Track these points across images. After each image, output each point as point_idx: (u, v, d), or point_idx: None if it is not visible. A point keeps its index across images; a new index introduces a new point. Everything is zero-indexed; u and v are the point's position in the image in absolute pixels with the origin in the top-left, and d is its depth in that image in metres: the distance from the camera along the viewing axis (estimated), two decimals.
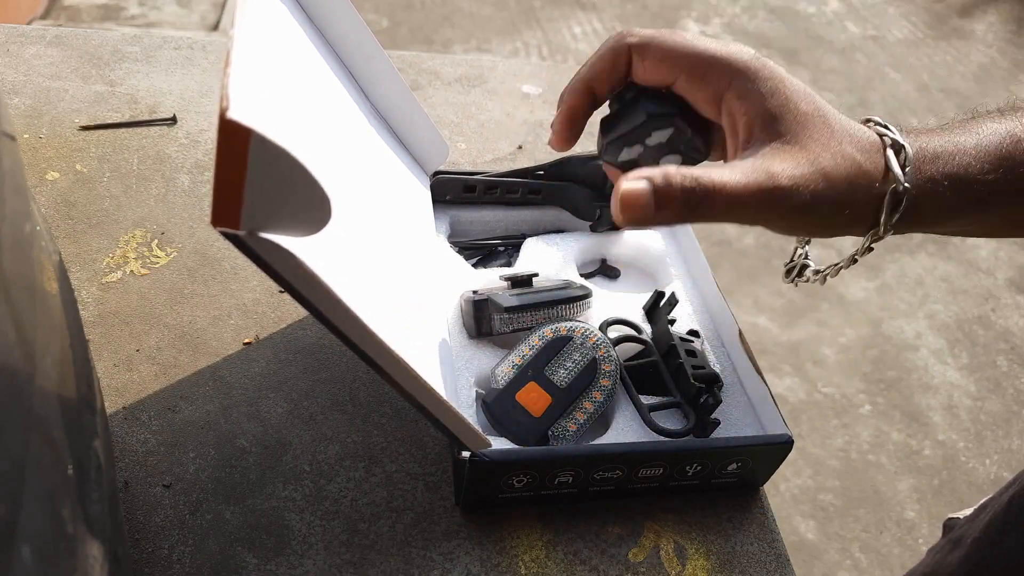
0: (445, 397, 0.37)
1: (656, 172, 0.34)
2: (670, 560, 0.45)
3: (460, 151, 0.72)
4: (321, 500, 0.45)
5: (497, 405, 0.45)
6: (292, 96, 0.37)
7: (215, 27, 2.35)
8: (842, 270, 0.44)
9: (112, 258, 0.56)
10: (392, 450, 0.48)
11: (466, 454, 0.40)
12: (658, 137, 0.38)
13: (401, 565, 0.43)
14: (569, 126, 0.41)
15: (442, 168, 0.58)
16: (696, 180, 0.34)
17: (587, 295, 0.52)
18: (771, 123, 0.36)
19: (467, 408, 0.46)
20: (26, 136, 0.64)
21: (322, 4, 0.48)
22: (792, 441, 0.45)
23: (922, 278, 2.02)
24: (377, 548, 0.43)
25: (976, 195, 0.38)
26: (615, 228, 0.60)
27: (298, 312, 0.55)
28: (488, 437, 0.41)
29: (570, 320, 0.49)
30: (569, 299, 0.50)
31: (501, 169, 0.60)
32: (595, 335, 0.48)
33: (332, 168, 0.39)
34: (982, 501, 0.62)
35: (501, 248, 0.59)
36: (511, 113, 0.78)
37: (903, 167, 0.37)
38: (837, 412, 1.68)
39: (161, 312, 0.53)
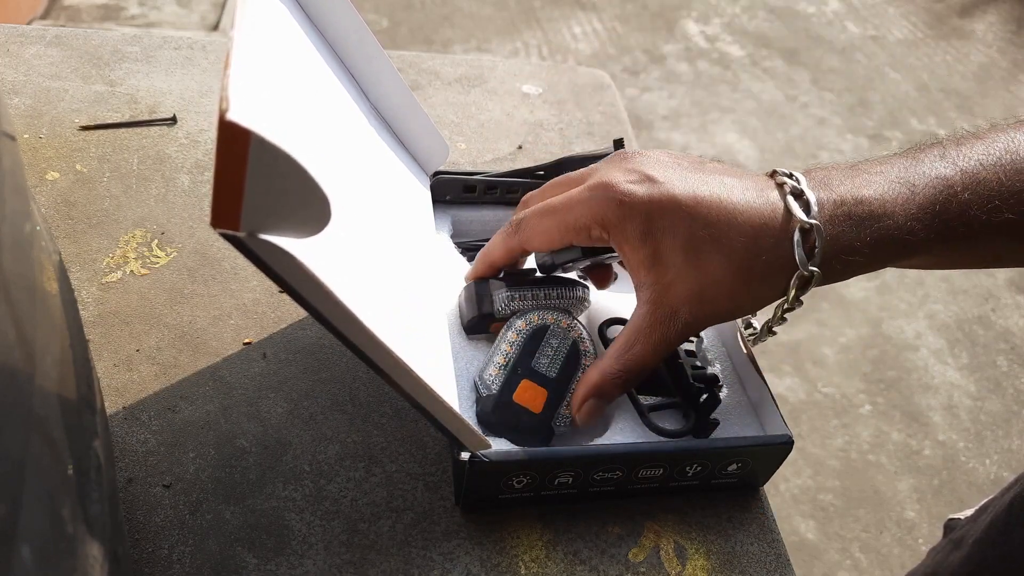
0: (445, 398, 0.37)
1: (591, 388, 0.43)
2: (670, 560, 0.45)
3: (460, 151, 0.72)
4: (321, 500, 0.45)
5: (497, 412, 0.45)
6: (292, 97, 0.37)
7: (215, 27, 2.35)
8: (773, 329, 0.46)
9: (112, 258, 0.56)
10: (392, 450, 0.48)
11: (465, 455, 0.40)
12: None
13: (401, 565, 0.43)
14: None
15: (442, 168, 0.58)
16: (620, 371, 0.42)
17: (586, 289, 0.51)
18: (653, 266, 0.39)
19: (467, 409, 0.46)
20: (26, 136, 0.64)
21: (322, 4, 0.48)
22: (792, 441, 0.45)
23: (922, 278, 2.02)
24: (377, 548, 0.43)
25: (900, 250, 0.38)
26: None
27: (298, 312, 0.55)
28: (488, 438, 0.41)
29: (558, 310, 0.49)
30: (569, 284, 0.50)
31: (501, 169, 0.60)
32: (566, 318, 0.48)
33: (332, 169, 0.39)
34: (983, 502, 0.62)
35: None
36: (511, 113, 0.78)
37: (811, 252, 0.37)
38: (837, 412, 1.68)
39: (161, 312, 0.53)
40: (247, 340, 0.52)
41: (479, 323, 0.49)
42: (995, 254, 0.41)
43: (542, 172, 0.59)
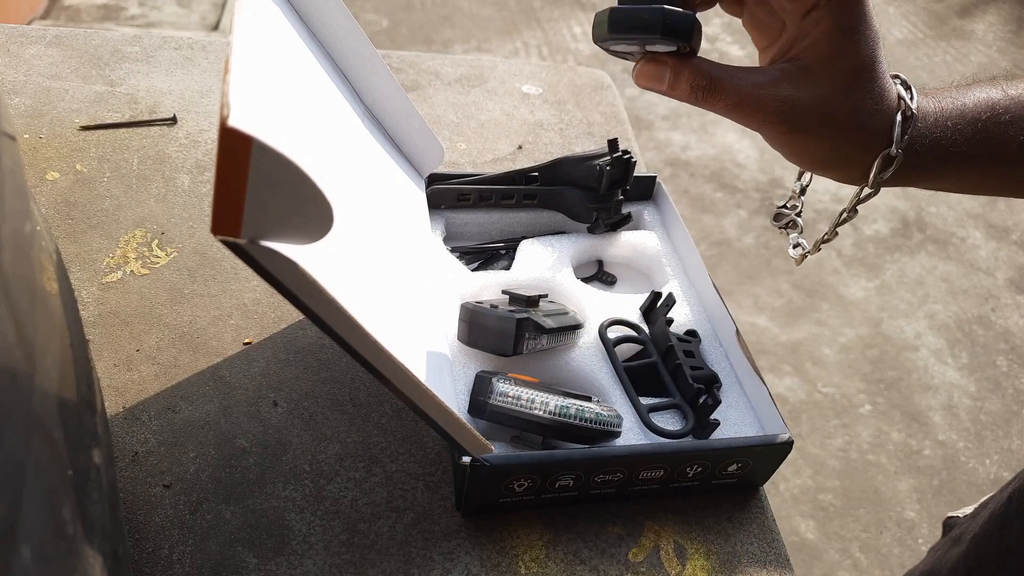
0: (445, 402, 0.37)
1: (677, 63, 0.39)
2: (670, 560, 0.45)
3: (460, 151, 0.72)
4: (321, 500, 0.45)
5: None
6: (291, 102, 0.37)
7: (215, 27, 2.35)
8: (827, 239, 0.46)
9: (112, 258, 0.56)
10: (392, 450, 0.48)
11: (467, 459, 0.40)
12: (661, 47, 0.39)
13: (401, 565, 0.43)
14: None
15: (441, 166, 0.58)
16: (710, 81, 0.38)
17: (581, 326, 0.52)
18: (818, 58, 0.38)
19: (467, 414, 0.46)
20: (26, 136, 0.64)
21: (316, 7, 0.48)
22: (792, 441, 0.45)
23: (922, 278, 2.02)
24: (377, 548, 0.43)
25: (954, 156, 0.41)
26: (612, 230, 0.60)
27: (298, 312, 0.55)
28: (489, 442, 0.41)
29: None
30: (575, 326, 0.51)
31: (501, 169, 0.60)
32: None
33: (331, 173, 0.39)
34: (983, 499, 0.62)
35: (503, 251, 0.59)
36: (511, 113, 0.78)
37: (904, 134, 0.40)
38: (837, 412, 1.68)
39: (161, 312, 0.53)
40: (247, 340, 0.52)
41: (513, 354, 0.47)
42: None
43: (536, 173, 0.59)
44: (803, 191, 0.48)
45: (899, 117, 0.39)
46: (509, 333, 0.45)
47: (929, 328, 1.89)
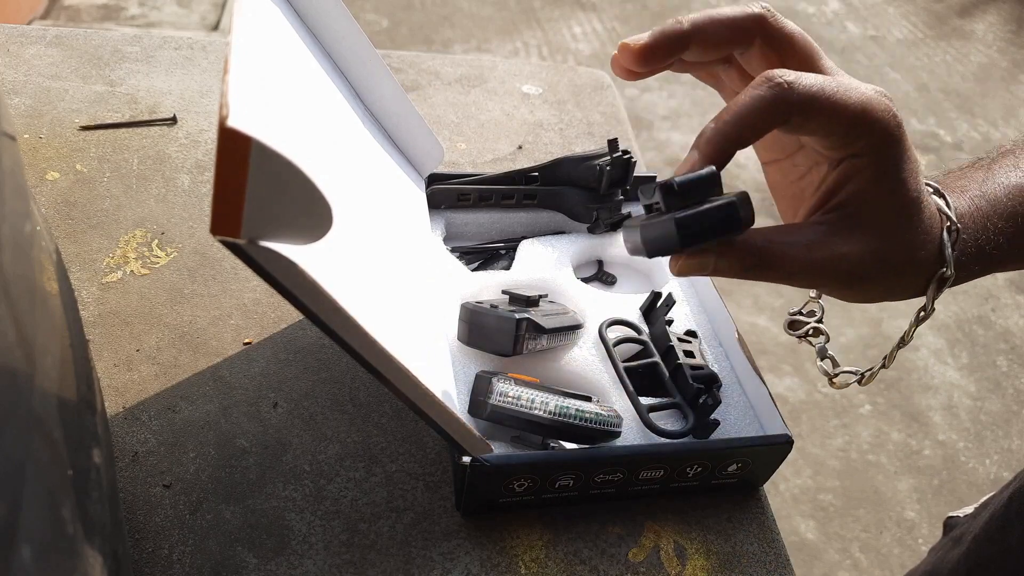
0: (445, 402, 0.37)
1: (721, 246, 0.35)
2: (670, 560, 0.45)
3: (460, 151, 0.72)
4: (321, 500, 0.45)
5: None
6: (290, 102, 0.37)
7: (215, 27, 2.35)
8: (907, 341, 0.43)
9: (112, 258, 0.56)
10: (392, 450, 0.48)
11: (467, 459, 0.40)
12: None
13: (401, 565, 0.43)
14: (719, 156, 0.35)
15: (441, 166, 0.58)
16: (760, 254, 0.35)
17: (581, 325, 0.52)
18: (866, 207, 0.36)
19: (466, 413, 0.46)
20: (26, 136, 0.64)
21: (316, 7, 0.48)
22: (792, 441, 0.45)
23: None
24: (377, 548, 0.43)
25: (998, 256, 0.39)
26: (612, 230, 0.60)
27: (298, 312, 0.55)
28: (489, 442, 0.41)
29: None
30: (575, 326, 0.51)
31: (501, 169, 0.60)
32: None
33: (330, 173, 0.39)
34: (983, 499, 0.62)
35: (503, 251, 0.59)
36: (511, 113, 0.78)
37: (953, 250, 0.38)
38: (837, 412, 1.68)
39: (161, 312, 0.53)
40: (247, 340, 0.52)
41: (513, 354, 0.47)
42: None
43: (536, 174, 0.59)
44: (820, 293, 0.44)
45: (945, 236, 0.37)
46: (509, 333, 0.45)
47: (929, 328, 1.89)
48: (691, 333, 0.54)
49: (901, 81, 2.70)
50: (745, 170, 2.25)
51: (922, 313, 0.40)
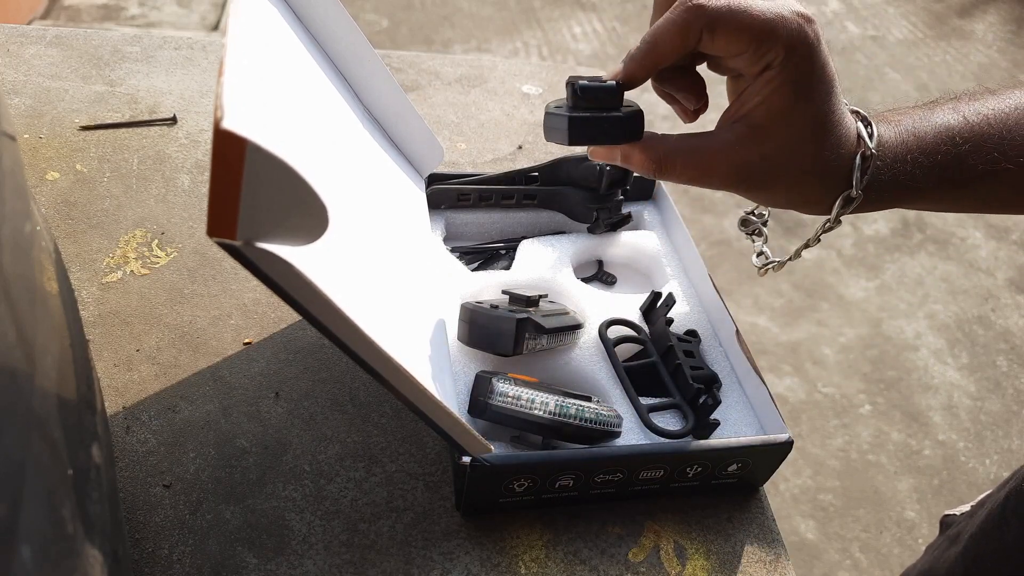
0: (445, 403, 0.37)
1: (626, 148, 0.40)
2: (670, 560, 0.45)
3: (460, 151, 0.72)
4: (321, 500, 0.45)
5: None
6: (287, 102, 0.37)
7: (215, 27, 2.35)
8: (810, 245, 0.46)
9: (112, 258, 0.56)
10: (392, 450, 0.48)
11: (466, 459, 0.40)
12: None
13: (401, 565, 0.43)
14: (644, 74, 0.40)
15: (441, 166, 0.58)
16: (659, 161, 0.40)
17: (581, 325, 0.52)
18: (771, 117, 0.39)
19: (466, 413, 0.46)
20: (26, 136, 0.64)
21: (314, 7, 0.48)
22: (792, 442, 0.45)
23: (922, 278, 2.02)
24: (377, 548, 0.43)
25: (912, 189, 0.41)
26: (612, 230, 0.60)
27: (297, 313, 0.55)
28: (489, 442, 0.41)
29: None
30: (575, 326, 0.51)
31: (501, 169, 0.60)
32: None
33: (328, 174, 0.39)
34: (979, 498, 0.62)
35: (503, 251, 0.59)
36: (511, 113, 0.78)
37: (863, 174, 0.40)
38: (837, 412, 1.68)
39: (161, 312, 0.53)
40: (247, 340, 0.52)
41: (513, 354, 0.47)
42: (996, 200, 0.44)
43: (536, 174, 0.59)
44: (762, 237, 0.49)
45: (858, 160, 0.40)
46: (509, 333, 0.45)
47: (929, 328, 1.89)
48: (691, 333, 0.54)
49: (901, 81, 2.70)
50: None
51: (828, 224, 0.42)
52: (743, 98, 0.40)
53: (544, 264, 0.56)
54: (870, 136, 0.40)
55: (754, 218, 0.50)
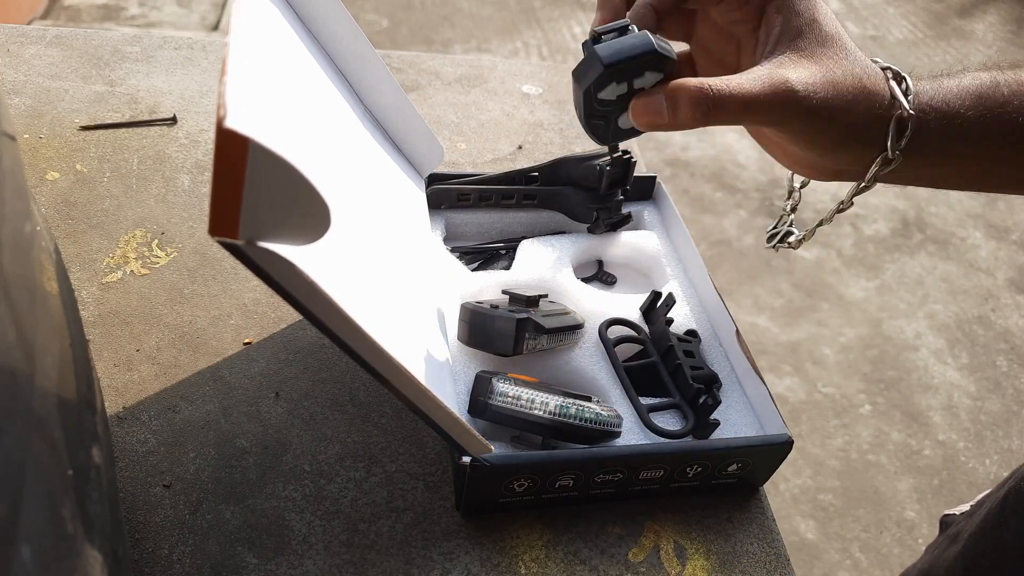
0: (444, 402, 0.37)
1: (670, 85, 0.38)
2: (670, 560, 0.45)
3: (460, 151, 0.72)
4: (321, 500, 0.45)
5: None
6: (289, 102, 0.37)
7: (215, 27, 2.35)
8: (843, 209, 0.46)
9: (112, 258, 0.56)
10: (392, 450, 0.48)
11: (466, 459, 0.40)
12: (649, 79, 0.39)
13: (401, 565, 0.43)
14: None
15: (441, 166, 0.58)
16: (709, 86, 0.37)
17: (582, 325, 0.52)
18: (796, 37, 0.40)
19: (466, 413, 0.46)
20: (26, 136, 0.64)
21: (315, 7, 0.48)
22: (792, 441, 0.45)
23: (922, 278, 2.02)
24: (377, 548, 0.43)
25: (959, 130, 0.41)
26: (612, 230, 0.60)
27: (298, 312, 0.55)
28: (489, 443, 0.41)
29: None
30: (575, 327, 0.51)
31: (501, 169, 0.60)
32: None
33: (329, 174, 0.39)
34: (979, 497, 0.62)
35: (503, 251, 0.59)
36: (511, 113, 0.78)
37: (905, 95, 0.40)
38: (837, 412, 1.68)
39: (161, 312, 0.53)
40: (247, 340, 0.52)
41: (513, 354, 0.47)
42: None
43: (536, 174, 0.59)
44: (794, 208, 0.48)
45: (893, 124, 0.39)
46: (509, 333, 0.45)
47: (929, 328, 1.89)
48: (691, 333, 0.54)
49: None
50: (745, 170, 2.25)
51: (883, 156, 0.41)
52: (751, 54, 0.41)
53: (544, 264, 0.56)
54: (905, 93, 0.40)
55: (796, 187, 0.48)
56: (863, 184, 0.42)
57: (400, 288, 0.44)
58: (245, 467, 0.45)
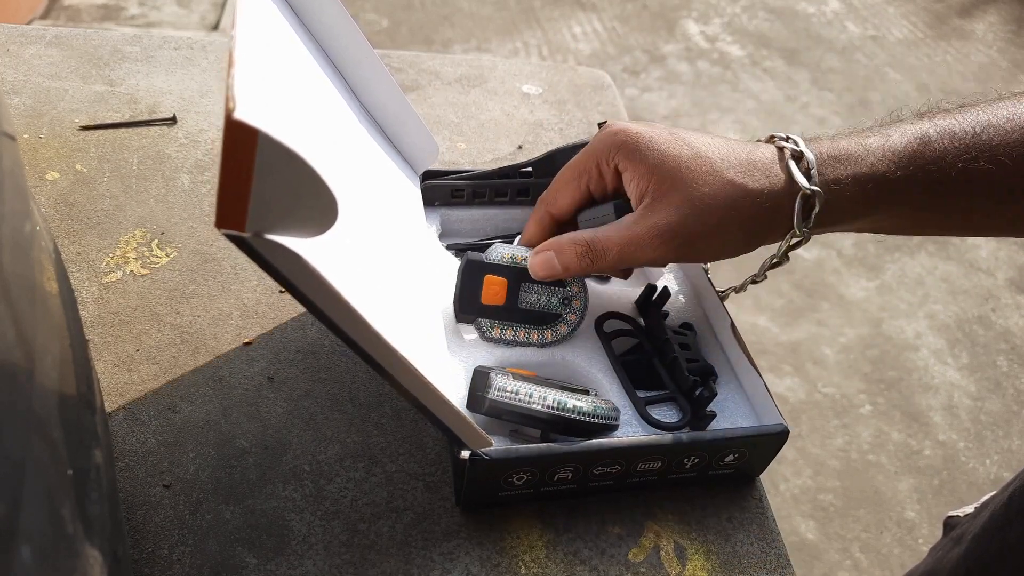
0: (446, 396, 0.37)
1: (553, 242, 0.44)
2: (670, 560, 0.45)
3: (460, 151, 0.72)
4: (321, 500, 0.45)
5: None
6: (292, 97, 0.37)
7: (215, 27, 2.35)
8: (757, 280, 0.49)
9: (112, 258, 0.56)
10: (392, 450, 0.48)
11: (466, 453, 0.40)
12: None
13: (401, 565, 0.43)
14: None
15: (440, 166, 0.58)
16: (587, 243, 0.43)
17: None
18: (651, 179, 0.42)
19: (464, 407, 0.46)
20: (26, 136, 0.64)
21: (312, 4, 0.48)
22: (788, 431, 0.46)
23: (922, 278, 2.02)
24: (377, 548, 0.43)
25: (883, 193, 0.41)
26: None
27: (298, 312, 0.55)
28: (489, 436, 0.41)
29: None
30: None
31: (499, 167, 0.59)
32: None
33: (332, 168, 0.39)
34: (983, 499, 0.62)
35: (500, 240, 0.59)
36: (511, 113, 0.78)
37: (807, 173, 0.40)
38: (837, 412, 1.68)
39: (161, 312, 0.53)
40: (247, 340, 0.52)
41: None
42: (971, 211, 0.43)
43: (530, 168, 0.59)
44: None
45: (798, 201, 0.40)
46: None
47: (929, 328, 1.89)
48: (687, 326, 0.54)
49: (901, 81, 2.70)
50: None
51: (774, 260, 0.45)
52: (629, 190, 0.44)
53: None
54: (805, 173, 0.40)
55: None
56: (775, 259, 0.44)
57: (398, 283, 0.44)
58: (245, 467, 0.45)
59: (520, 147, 0.74)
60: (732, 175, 0.40)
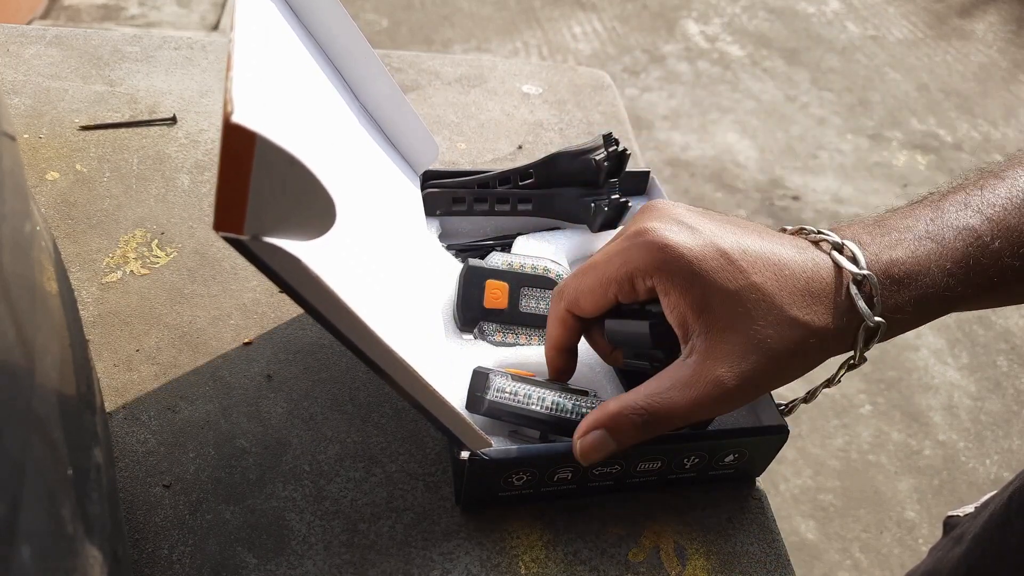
0: (445, 397, 0.37)
1: (603, 417, 0.38)
2: (670, 560, 0.45)
3: (460, 151, 0.72)
4: (321, 500, 0.45)
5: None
6: (291, 99, 0.37)
7: (215, 27, 2.35)
8: (807, 401, 0.45)
9: (112, 258, 0.56)
10: (392, 450, 0.48)
11: (465, 454, 0.40)
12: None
13: (401, 565, 0.43)
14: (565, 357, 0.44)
15: (440, 166, 0.58)
16: (646, 411, 0.37)
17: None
18: (701, 316, 0.36)
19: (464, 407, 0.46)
20: (26, 136, 0.64)
21: (312, 4, 0.48)
22: (788, 430, 0.46)
23: None
24: (377, 548, 0.43)
25: (942, 307, 0.38)
26: (610, 227, 0.60)
27: (298, 312, 0.55)
28: (489, 437, 0.41)
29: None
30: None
31: (501, 169, 0.59)
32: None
33: (330, 169, 0.39)
34: (984, 499, 0.62)
35: (498, 248, 0.59)
36: (511, 113, 0.78)
37: (869, 301, 0.36)
38: (837, 412, 1.68)
39: (161, 312, 0.53)
40: (247, 340, 0.52)
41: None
42: None
43: (532, 171, 0.59)
44: None
45: (853, 288, 0.36)
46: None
47: (929, 328, 1.89)
48: None
49: (901, 81, 2.70)
50: (745, 170, 2.25)
51: (851, 361, 0.39)
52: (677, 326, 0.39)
53: (539, 257, 0.56)
54: (852, 259, 0.36)
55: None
56: (832, 381, 0.41)
57: (397, 284, 0.44)
58: (245, 467, 0.45)
59: (520, 147, 0.74)
60: (795, 312, 0.36)
